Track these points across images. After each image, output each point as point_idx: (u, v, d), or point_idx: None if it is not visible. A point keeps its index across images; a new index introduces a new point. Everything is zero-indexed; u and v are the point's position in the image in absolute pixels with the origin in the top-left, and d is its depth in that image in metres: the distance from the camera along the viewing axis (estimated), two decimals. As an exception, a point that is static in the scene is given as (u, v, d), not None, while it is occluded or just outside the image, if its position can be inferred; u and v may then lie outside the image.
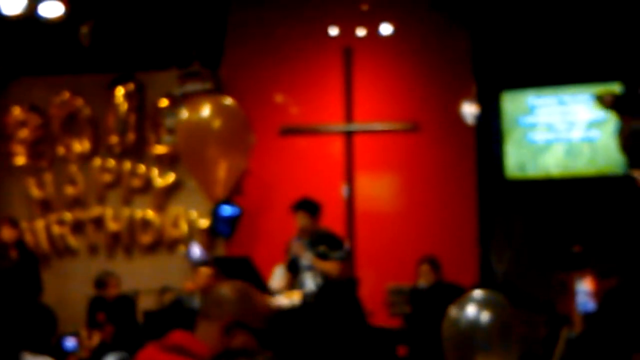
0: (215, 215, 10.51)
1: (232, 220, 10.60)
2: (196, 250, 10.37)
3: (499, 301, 3.34)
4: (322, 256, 8.32)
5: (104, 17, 10.42)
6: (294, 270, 8.58)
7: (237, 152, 8.63)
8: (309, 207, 8.55)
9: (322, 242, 8.37)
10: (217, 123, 8.44)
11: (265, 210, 10.74)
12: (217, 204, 10.21)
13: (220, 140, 8.42)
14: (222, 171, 8.42)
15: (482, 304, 3.28)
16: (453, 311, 3.31)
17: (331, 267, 8.27)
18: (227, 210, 10.51)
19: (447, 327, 3.31)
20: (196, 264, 9.63)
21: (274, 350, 3.23)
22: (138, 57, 11.09)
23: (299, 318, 7.44)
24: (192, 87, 10.32)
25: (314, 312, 7.48)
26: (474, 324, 3.23)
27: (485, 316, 3.23)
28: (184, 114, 8.77)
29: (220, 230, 10.63)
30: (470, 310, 3.26)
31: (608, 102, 8.13)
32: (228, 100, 9.14)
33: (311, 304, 8.16)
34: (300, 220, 8.48)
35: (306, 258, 8.41)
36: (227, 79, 10.81)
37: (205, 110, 8.49)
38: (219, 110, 8.56)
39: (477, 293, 3.35)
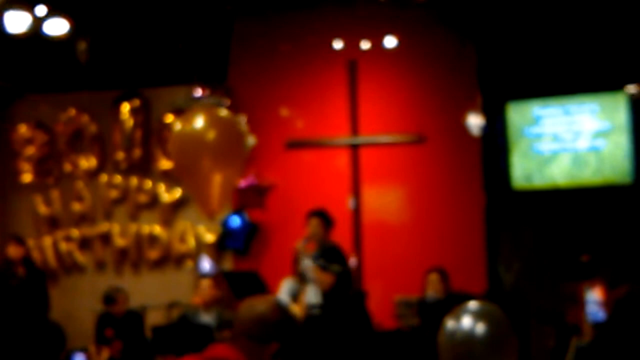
0: (224, 229, 10.53)
1: (245, 234, 10.62)
2: (206, 264, 10.37)
3: (494, 312, 3.34)
4: (323, 267, 8.37)
5: (109, 33, 10.45)
6: (304, 280, 8.62)
7: (232, 164, 8.58)
8: (323, 216, 8.61)
9: (325, 254, 8.42)
10: (211, 135, 8.37)
11: (271, 223, 10.74)
12: (222, 216, 10.23)
13: (214, 152, 8.36)
14: (216, 184, 8.37)
15: (477, 316, 3.28)
16: (449, 323, 3.31)
17: (325, 278, 8.29)
18: (235, 221, 10.53)
19: (443, 339, 3.31)
20: (206, 277, 9.63)
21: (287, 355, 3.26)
22: (143, 73, 11.11)
23: (305, 330, 7.45)
24: (208, 100, 10.29)
25: (322, 324, 7.48)
26: (469, 336, 3.23)
27: (480, 328, 3.24)
28: (177, 125, 8.74)
29: (229, 245, 10.64)
30: (466, 322, 3.27)
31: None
32: (223, 112, 9.11)
33: (314, 316, 8.17)
34: (313, 227, 8.53)
35: (307, 265, 8.46)
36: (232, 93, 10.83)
37: (199, 122, 8.42)
38: (213, 121, 8.49)
39: (473, 304, 3.35)
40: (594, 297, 7.55)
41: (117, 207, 11.32)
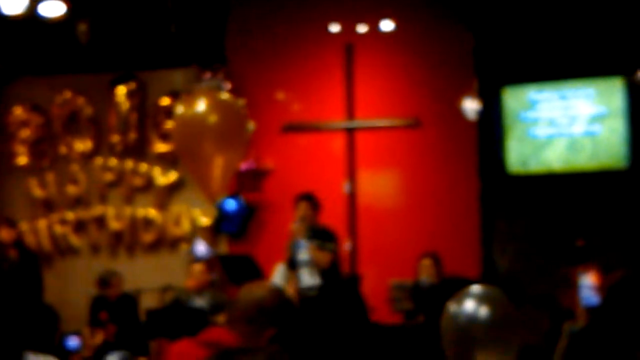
0: (219, 212, 10.53)
1: (240, 218, 10.62)
2: (201, 248, 10.37)
3: (497, 296, 3.33)
4: (320, 247, 8.51)
5: (105, 16, 10.42)
6: (293, 267, 8.72)
7: (234, 147, 8.58)
8: (312, 199, 8.76)
9: (317, 235, 8.55)
10: (213, 118, 8.36)
11: (267, 207, 10.73)
12: (221, 200, 10.23)
13: (216, 135, 8.35)
14: (218, 167, 8.37)
15: (481, 299, 3.28)
16: (451, 306, 3.31)
17: (324, 257, 8.46)
18: (231, 204, 10.53)
19: (446, 322, 3.31)
20: (199, 261, 9.63)
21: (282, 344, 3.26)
22: (139, 56, 11.09)
23: (300, 313, 7.44)
24: (209, 83, 10.27)
25: (316, 308, 7.49)
26: (472, 319, 3.23)
27: (483, 311, 3.23)
28: (180, 109, 8.72)
29: (225, 228, 10.64)
30: (469, 305, 3.26)
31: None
32: (224, 95, 9.10)
33: (309, 298, 8.24)
34: (303, 210, 8.71)
35: (304, 247, 8.56)
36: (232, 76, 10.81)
37: (201, 105, 8.41)
38: (214, 105, 8.48)
39: (476, 288, 3.35)
40: (588, 282, 7.55)
41: (112, 190, 11.31)
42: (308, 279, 8.57)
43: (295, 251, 8.71)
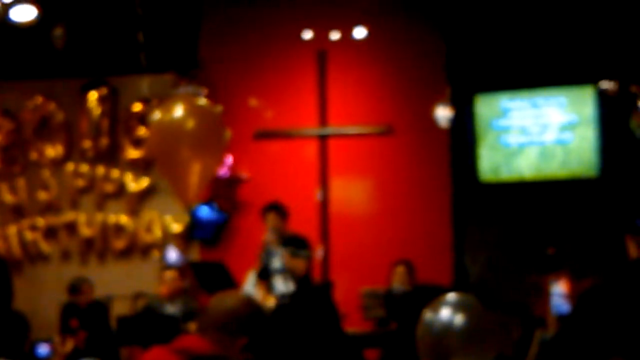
0: (193, 219, 10.51)
1: (214, 225, 10.60)
2: (172, 254, 10.33)
3: (473, 304, 3.34)
4: (293, 254, 8.43)
5: (77, 21, 10.37)
6: (265, 277, 8.72)
7: (211, 154, 8.55)
8: (279, 209, 8.74)
9: (291, 242, 8.49)
10: (190, 124, 8.32)
11: (239, 214, 10.71)
12: (195, 206, 10.20)
13: (193, 141, 8.32)
14: (195, 174, 8.34)
15: (456, 307, 3.28)
16: (427, 315, 3.31)
17: (299, 264, 8.36)
18: (204, 211, 10.50)
19: (421, 330, 3.31)
20: (171, 268, 9.60)
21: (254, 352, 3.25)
22: (111, 61, 11.04)
23: (273, 321, 7.43)
24: (186, 90, 10.22)
25: (289, 315, 7.48)
26: (448, 328, 3.23)
27: (459, 319, 3.24)
28: (156, 114, 8.68)
29: (198, 235, 10.61)
30: (444, 313, 3.27)
31: (613, 92, 8.20)
32: (202, 101, 9.08)
33: (284, 305, 8.21)
34: (272, 221, 8.70)
35: (278, 255, 8.52)
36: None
37: (178, 111, 8.36)
38: (192, 110, 8.44)
39: (451, 296, 3.35)
40: (559, 290, 7.59)
41: (83, 196, 11.24)
42: (282, 286, 8.55)
43: (269, 259, 8.69)
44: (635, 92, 8.68)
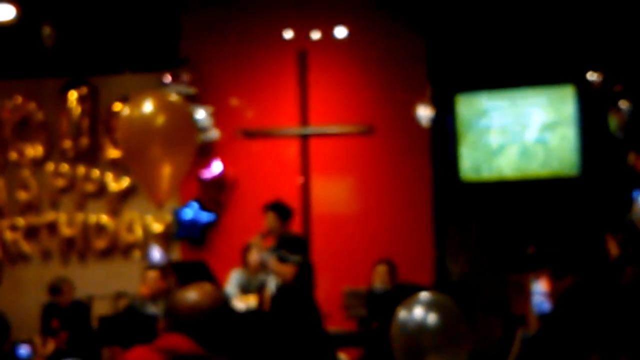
0: (178, 219, 10.49)
1: (200, 225, 10.57)
2: (156, 254, 10.31)
3: (445, 303, 3.35)
4: (282, 259, 8.25)
5: (57, 20, 10.33)
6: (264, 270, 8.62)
7: (182, 151, 8.46)
8: (279, 209, 8.52)
9: (284, 245, 8.32)
10: (160, 120, 8.20)
11: (222, 213, 10.70)
12: (169, 205, 10.19)
13: (163, 139, 8.21)
14: (165, 172, 8.25)
15: (429, 306, 3.30)
16: (400, 314, 3.32)
17: (286, 269, 8.18)
18: (190, 212, 10.49)
19: (395, 329, 3.32)
20: (153, 268, 9.57)
21: (229, 355, 3.22)
22: (91, 60, 11.00)
23: (256, 321, 7.41)
24: (174, 89, 10.17)
25: (269, 316, 7.45)
26: (421, 327, 3.24)
27: (432, 318, 3.25)
28: (125, 110, 8.59)
29: (183, 234, 10.59)
30: (418, 312, 3.28)
31: (597, 85, 8.23)
32: (173, 97, 9.01)
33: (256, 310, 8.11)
34: (269, 221, 8.42)
35: (267, 258, 8.41)
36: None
37: (148, 107, 8.24)
38: (162, 107, 8.33)
39: (424, 295, 3.36)
40: (540, 288, 7.61)
41: (64, 196, 11.21)
42: (273, 286, 8.46)
43: (265, 259, 8.53)
44: (615, 92, 8.72)
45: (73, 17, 10.53)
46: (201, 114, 10.08)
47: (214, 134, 10.37)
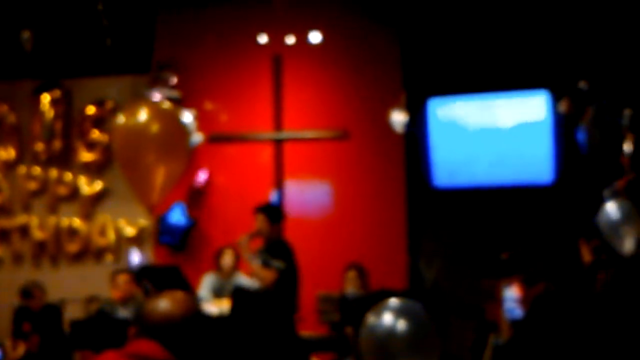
0: (161, 225, 10.45)
1: (182, 230, 10.53)
2: (135, 257, 10.26)
3: (414, 309, 3.35)
4: (264, 264, 8.23)
5: (30, 22, 10.27)
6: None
7: (175, 157, 8.54)
8: (269, 212, 8.50)
9: (269, 249, 8.29)
10: (154, 128, 8.31)
11: (193, 218, 10.67)
12: (163, 212, 10.19)
13: (157, 145, 8.31)
14: (159, 177, 8.32)
15: (398, 313, 3.29)
16: (369, 319, 3.32)
17: (266, 275, 8.17)
18: (174, 217, 10.46)
19: (364, 335, 3.32)
20: (123, 272, 9.53)
21: (200, 357, 3.21)
22: (64, 63, 10.96)
23: (228, 326, 7.39)
24: (159, 93, 10.14)
25: (237, 321, 7.44)
26: (390, 332, 3.24)
27: (401, 324, 3.25)
28: (121, 118, 8.65)
29: (165, 240, 10.55)
30: (386, 318, 3.28)
31: (566, 108, 8.26)
32: (166, 105, 9.07)
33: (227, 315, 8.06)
34: (258, 223, 8.38)
35: (252, 261, 8.37)
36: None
37: (142, 115, 8.36)
38: (156, 115, 8.44)
39: (393, 301, 3.36)
40: (512, 295, 7.63)
41: (36, 199, 11.16)
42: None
43: (250, 260, 8.50)
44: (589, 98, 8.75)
45: (47, 19, 10.47)
46: (188, 117, 10.08)
47: (198, 138, 10.35)
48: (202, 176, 10.56)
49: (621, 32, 9.38)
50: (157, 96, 9.99)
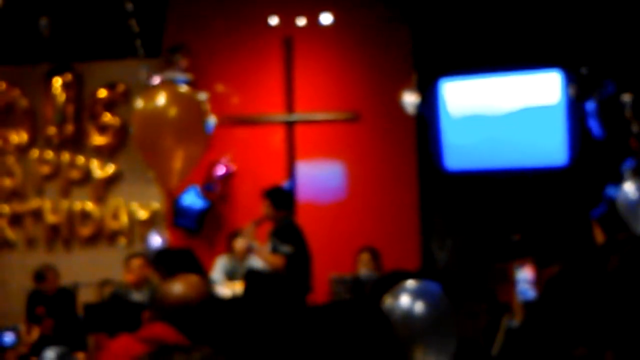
0: (176, 207, 10.44)
1: (198, 213, 10.52)
2: (156, 240, 10.24)
3: (433, 291, 3.33)
4: (273, 249, 8.22)
5: (41, 6, 10.28)
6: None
7: (194, 141, 8.58)
8: (273, 196, 8.49)
9: (278, 234, 8.28)
10: (173, 112, 8.35)
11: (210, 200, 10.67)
12: (178, 195, 10.19)
13: (176, 129, 8.36)
14: (178, 161, 8.35)
15: (417, 294, 3.27)
16: (387, 301, 3.30)
17: (273, 260, 8.17)
18: (188, 199, 10.44)
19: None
20: (137, 256, 9.53)
21: (214, 340, 3.21)
22: (76, 46, 10.95)
23: (241, 308, 7.40)
24: (170, 75, 10.12)
25: (250, 303, 7.44)
26: (408, 315, 3.22)
27: (419, 307, 3.23)
28: (139, 103, 8.68)
29: (181, 223, 10.53)
30: (404, 300, 3.26)
31: (573, 92, 8.24)
32: (184, 89, 9.09)
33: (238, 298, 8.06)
34: (264, 207, 8.41)
35: (254, 247, 8.38)
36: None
37: (161, 99, 8.40)
38: (175, 99, 8.48)
39: (411, 283, 3.34)
40: (525, 276, 7.61)
41: (49, 183, 11.16)
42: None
43: (252, 247, 8.50)
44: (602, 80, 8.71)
45: (58, 3, 10.47)
46: (203, 98, 10.06)
47: (212, 120, 10.33)
48: (222, 168, 10.53)
49: (635, 9, 9.31)
50: (156, 79, 9.97)
